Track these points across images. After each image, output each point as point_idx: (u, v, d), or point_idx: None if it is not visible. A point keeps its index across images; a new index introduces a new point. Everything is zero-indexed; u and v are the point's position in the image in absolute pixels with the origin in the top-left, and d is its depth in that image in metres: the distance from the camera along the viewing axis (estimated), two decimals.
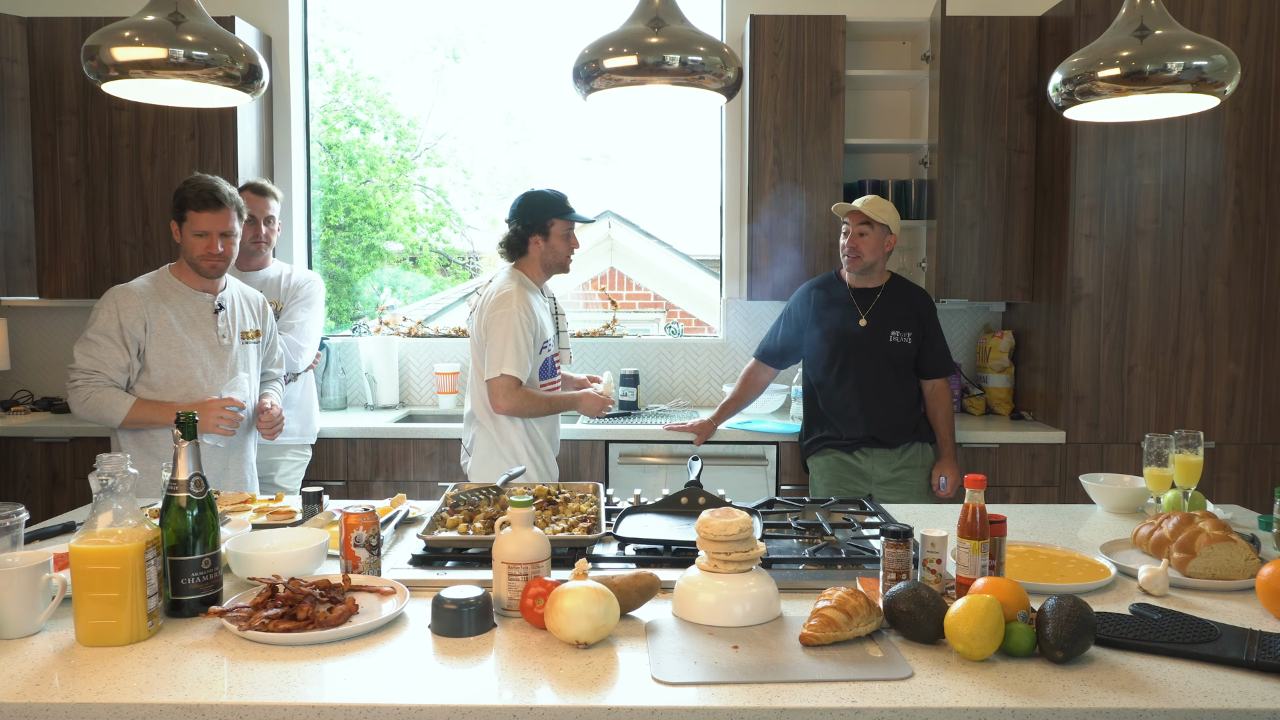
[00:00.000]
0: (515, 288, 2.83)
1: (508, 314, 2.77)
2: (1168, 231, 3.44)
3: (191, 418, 1.52)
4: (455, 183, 7.26)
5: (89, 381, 2.59)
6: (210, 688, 1.24)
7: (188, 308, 2.70)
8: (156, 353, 2.65)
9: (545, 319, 2.93)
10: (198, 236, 2.62)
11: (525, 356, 2.78)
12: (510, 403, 2.78)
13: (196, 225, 2.62)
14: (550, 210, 2.88)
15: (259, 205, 3.10)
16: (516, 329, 2.76)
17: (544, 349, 2.92)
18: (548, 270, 2.97)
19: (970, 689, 1.25)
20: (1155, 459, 2.10)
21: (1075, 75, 1.93)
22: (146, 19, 1.85)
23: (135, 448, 2.69)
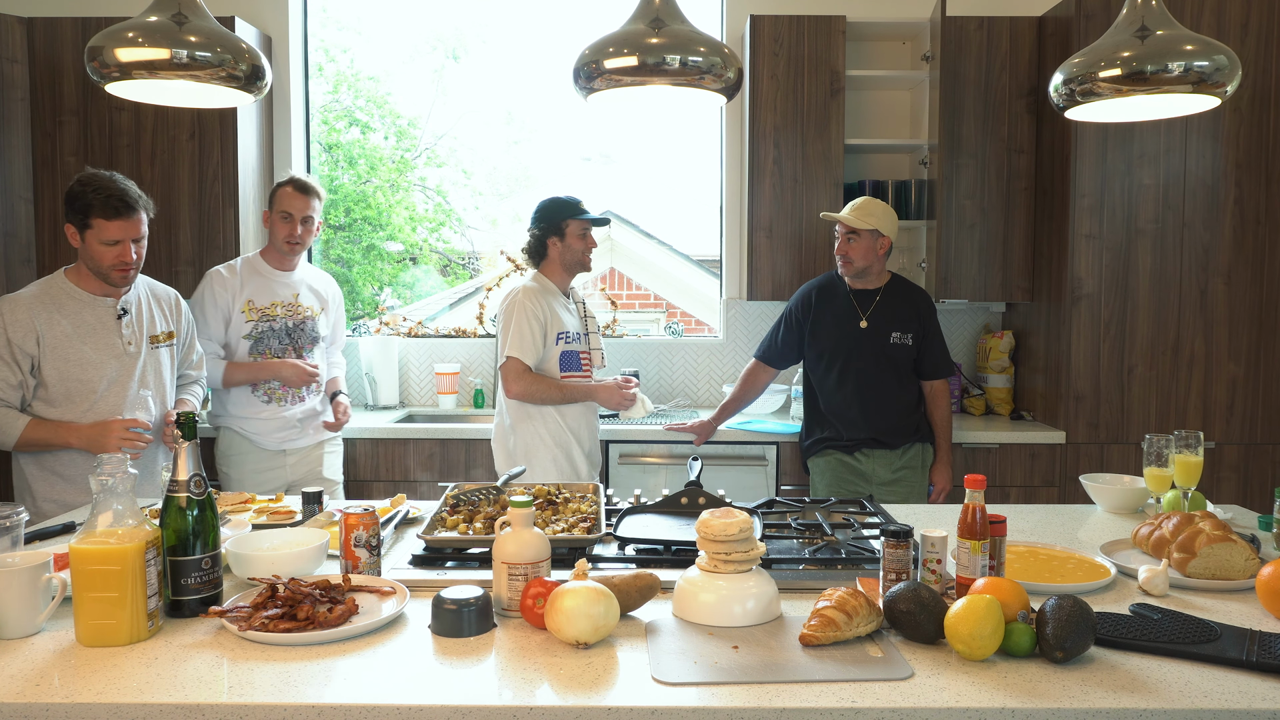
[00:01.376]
0: (526, 285, 3.01)
1: (512, 304, 2.96)
2: (1168, 231, 3.44)
3: (191, 418, 1.52)
4: (455, 183, 7.26)
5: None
6: (210, 688, 1.24)
7: (86, 315, 2.48)
8: (52, 367, 2.43)
9: (564, 315, 3.03)
10: (107, 245, 2.41)
11: (531, 342, 2.92)
12: (519, 386, 2.91)
13: (106, 234, 2.40)
14: (564, 212, 3.03)
15: (299, 203, 3.02)
16: (521, 317, 2.93)
17: (563, 340, 3.01)
18: (569, 270, 3.07)
19: (970, 689, 1.25)
20: (1155, 459, 2.10)
21: (1076, 75, 1.93)
22: (149, 20, 1.85)
23: (36, 468, 2.50)
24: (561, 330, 3.01)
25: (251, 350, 3.02)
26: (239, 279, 3.03)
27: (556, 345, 3.00)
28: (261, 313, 3.02)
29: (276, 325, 3.04)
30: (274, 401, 3.09)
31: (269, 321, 3.03)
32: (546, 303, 2.98)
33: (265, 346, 3.03)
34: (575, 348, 3.06)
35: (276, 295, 3.06)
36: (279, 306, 3.05)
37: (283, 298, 3.07)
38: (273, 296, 3.05)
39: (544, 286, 3.03)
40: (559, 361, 3.02)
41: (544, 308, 2.96)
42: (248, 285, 3.02)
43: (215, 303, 2.98)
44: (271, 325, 3.03)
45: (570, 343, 3.04)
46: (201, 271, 3.77)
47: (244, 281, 3.03)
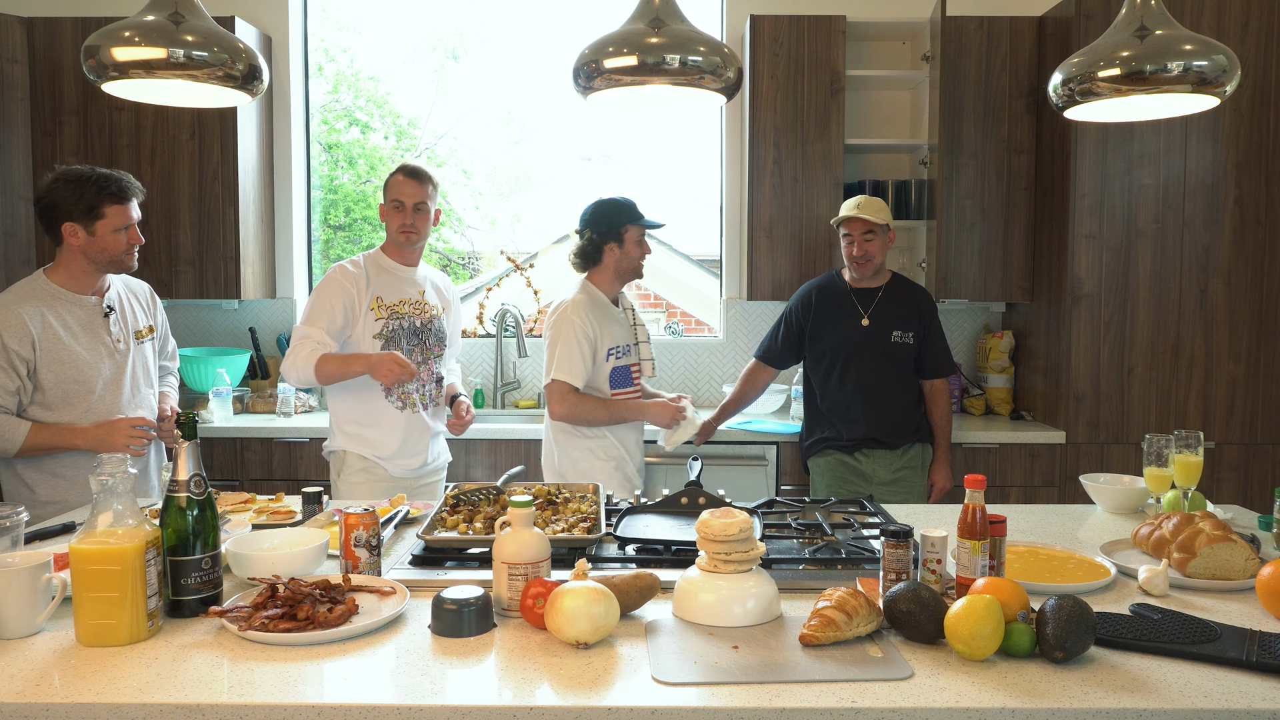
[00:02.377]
0: (575, 299, 2.83)
1: (561, 320, 2.79)
2: (1168, 231, 3.44)
3: (191, 418, 1.52)
4: (455, 183, 7.25)
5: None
6: (210, 688, 1.24)
7: (76, 314, 2.45)
8: (49, 370, 2.39)
9: (616, 328, 2.88)
10: (119, 232, 2.43)
11: (580, 363, 2.76)
12: (564, 408, 2.76)
13: (120, 219, 2.42)
14: (624, 216, 2.86)
15: (409, 189, 2.73)
16: (570, 336, 2.76)
17: (613, 355, 2.86)
18: (621, 278, 2.92)
19: (970, 689, 1.25)
20: (1155, 459, 2.10)
21: (1075, 75, 1.93)
22: (146, 19, 1.85)
23: (35, 471, 2.44)
24: (612, 346, 2.85)
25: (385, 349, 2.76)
26: (365, 274, 2.76)
27: (607, 362, 2.84)
28: (391, 310, 2.77)
29: (405, 324, 2.79)
30: (408, 408, 2.80)
31: (399, 320, 2.78)
32: (596, 318, 2.80)
33: (395, 346, 2.77)
34: (626, 361, 2.90)
35: (404, 292, 2.81)
36: (407, 304, 2.81)
37: (409, 295, 2.82)
38: (400, 293, 2.80)
39: (593, 299, 2.85)
40: (609, 378, 2.86)
41: (593, 324, 2.79)
42: (375, 280, 2.77)
43: (342, 295, 2.70)
44: (401, 324, 2.78)
45: (621, 357, 2.88)
46: (201, 271, 3.78)
47: (371, 276, 2.77)
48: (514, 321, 4.07)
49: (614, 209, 2.88)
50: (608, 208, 2.88)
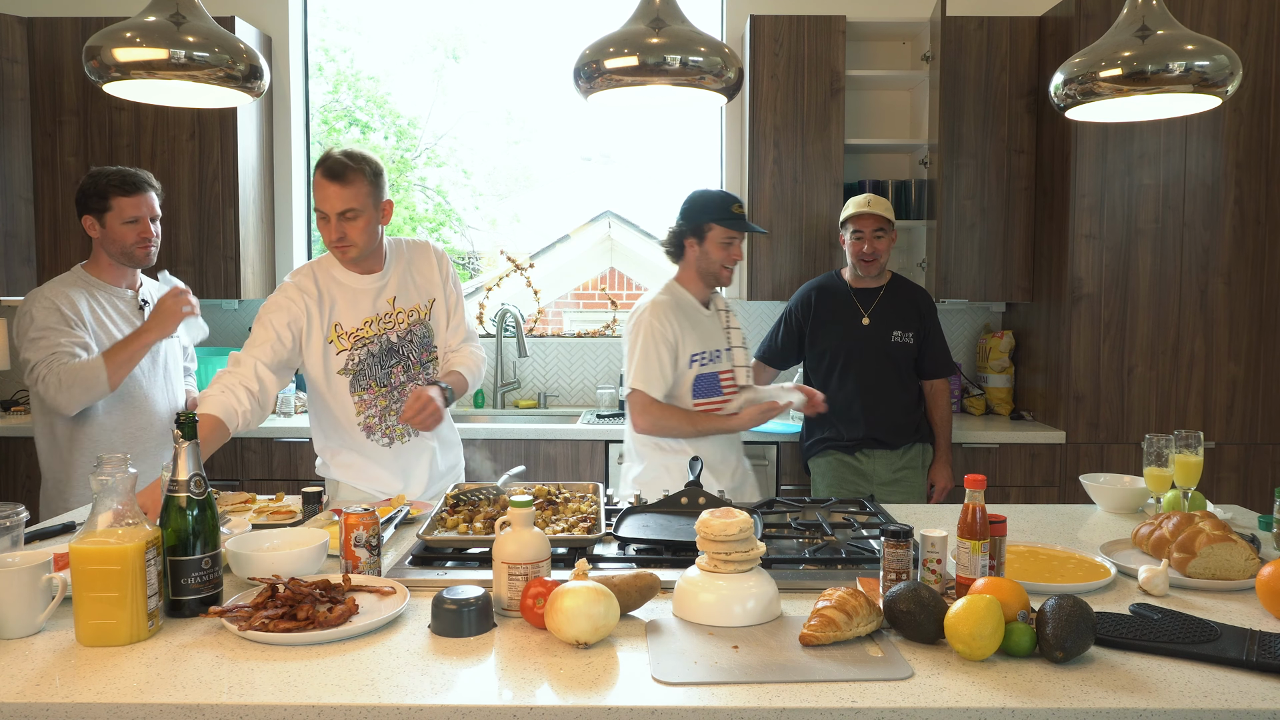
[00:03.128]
0: (655, 299, 2.64)
1: (638, 324, 2.59)
2: (1168, 231, 3.44)
3: (191, 418, 1.52)
4: (455, 183, 7.26)
5: (51, 365, 2.44)
6: (210, 688, 1.24)
7: (115, 304, 2.62)
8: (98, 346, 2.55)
9: (701, 332, 2.65)
10: (128, 224, 2.55)
11: (658, 371, 2.56)
12: (646, 420, 2.57)
13: (126, 212, 2.54)
14: (709, 213, 2.61)
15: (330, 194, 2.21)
16: (646, 341, 2.56)
17: (697, 362, 2.62)
18: (704, 279, 2.69)
19: (970, 689, 1.25)
20: (1155, 459, 2.10)
21: (1077, 75, 1.93)
22: (147, 20, 1.85)
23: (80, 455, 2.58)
24: (696, 352, 2.61)
25: (353, 389, 2.34)
26: (318, 293, 2.29)
27: (690, 369, 2.61)
28: (355, 338, 2.32)
29: (375, 348, 2.34)
30: (396, 441, 2.41)
31: (365, 346, 2.33)
32: (677, 321, 2.59)
33: (369, 380, 2.34)
34: (714, 368, 2.66)
35: (368, 309, 2.33)
36: (374, 323, 2.33)
37: (376, 309, 2.34)
38: (363, 312, 2.33)
39: (676, 299, 2.65)
40: (693, 387, 2.62)
41: (673, 327, 2.57)
42: (330, 301, 2.31)
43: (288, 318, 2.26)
44: (370, 350, 2.33)
45: (707, 363, 2.64)
46: (202, 271, 3.78)
47: (325, 295, 2.30)
48: (514, 321, 4.07)
49: (702, 202, 2.64)
50: (697, 200, 2.66)
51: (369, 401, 2.36)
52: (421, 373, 2.43)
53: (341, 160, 2.19)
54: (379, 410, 2.38)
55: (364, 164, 2.22)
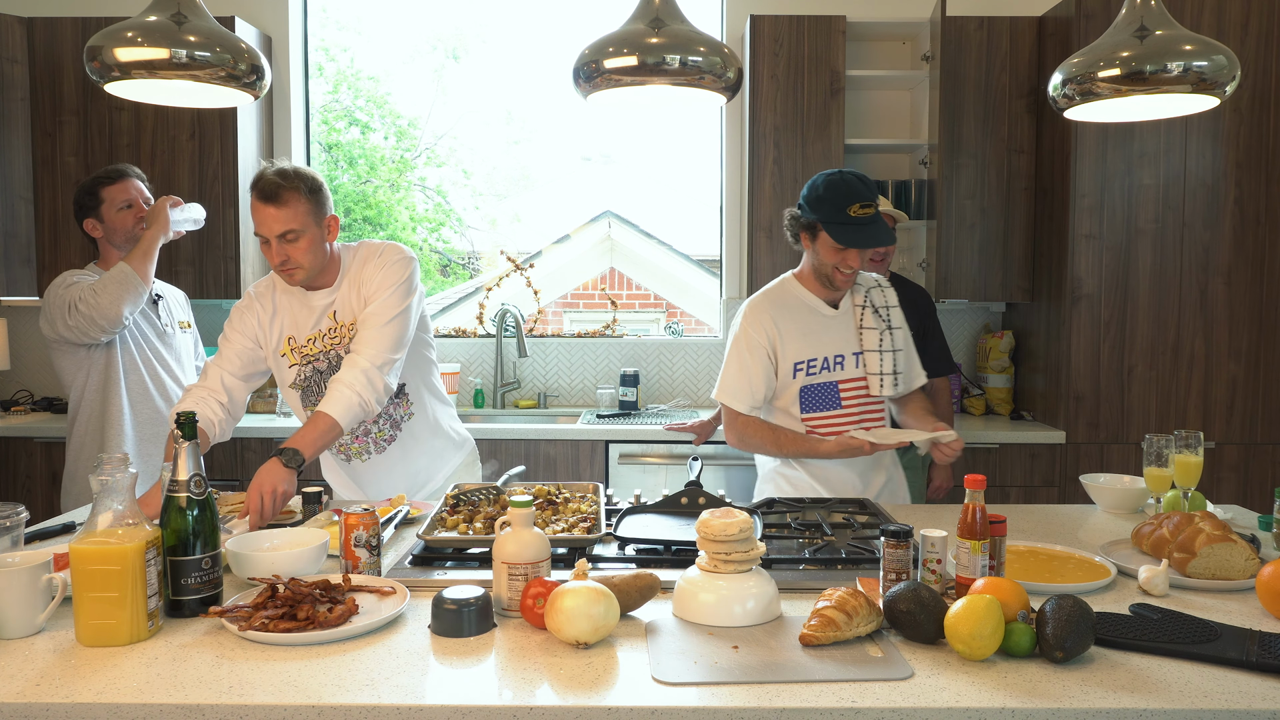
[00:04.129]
0: (755, 298, 2.41)
1: (734, 328, 2.39)
2: (1168, 231, 3.44)
3: (191, 418, 1.52)
4: (455, 183, 7.26)
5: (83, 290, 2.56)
6: (210, 688, 1.24)
7: None
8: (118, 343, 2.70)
9: (811, 338, 2.34)
10: (123, 210, 2.69)
11: (745, 383, 2.33)
12: (731, 435, 2.38)
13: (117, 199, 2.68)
14: (822, 210, 2.24)
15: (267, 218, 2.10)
16: (735, 348, 2.35)
17: (805, 371, 2.33)
18: (819, 279, 2.36)
19: (970, 689, 1.25)
20: (1155, 459, 2.10)
21: (1075, 75, 1.93)
22: (149, 19, 1.85)
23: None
24: (801, 360, 2.32)
25: (304, 403, 2.28)
26: (275, 306, 2.25)
27: (793, 380, 2.33)
28: (302, 354, 2.24)
29: (321, 365, 2.24)
30: (353, 459, 2.34)
31: (311, 363, 2.24)
32: (776, 324, 2.33)
33: (316, 396, 2.24)
34: (829, 378, 2.34)
35: (312, 324, 2.23)
36: (317, 339, 2.24)
37: (320, 325, 2.23)
38: (308, 327, 2.23)
39: (781, 299, 2.37)
40: (799, 399, 2.34)
41: (768, 332, 2.32)
42: (283, 312, 2.25)
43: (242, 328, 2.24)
44: (316, 366, 2.24)
45: (818, 373, 2.33)
46: (201, 271, 3.78)
47: (280, 307, 2.25)
48: (514, 321, 4.07)
49: (819, 192, 2.25)
50: (817, 186, 2.26)
51: None
52: None
53: (274, 180, 2.06)
54: None
55: (299, 181, 2.08)
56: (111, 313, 2.56)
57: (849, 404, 2.36)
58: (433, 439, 2.42)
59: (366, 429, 2.32)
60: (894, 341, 2.37)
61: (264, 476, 1.93)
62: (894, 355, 2.36)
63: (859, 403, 2.37)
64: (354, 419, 2.07)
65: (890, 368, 2.35)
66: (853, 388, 2.37)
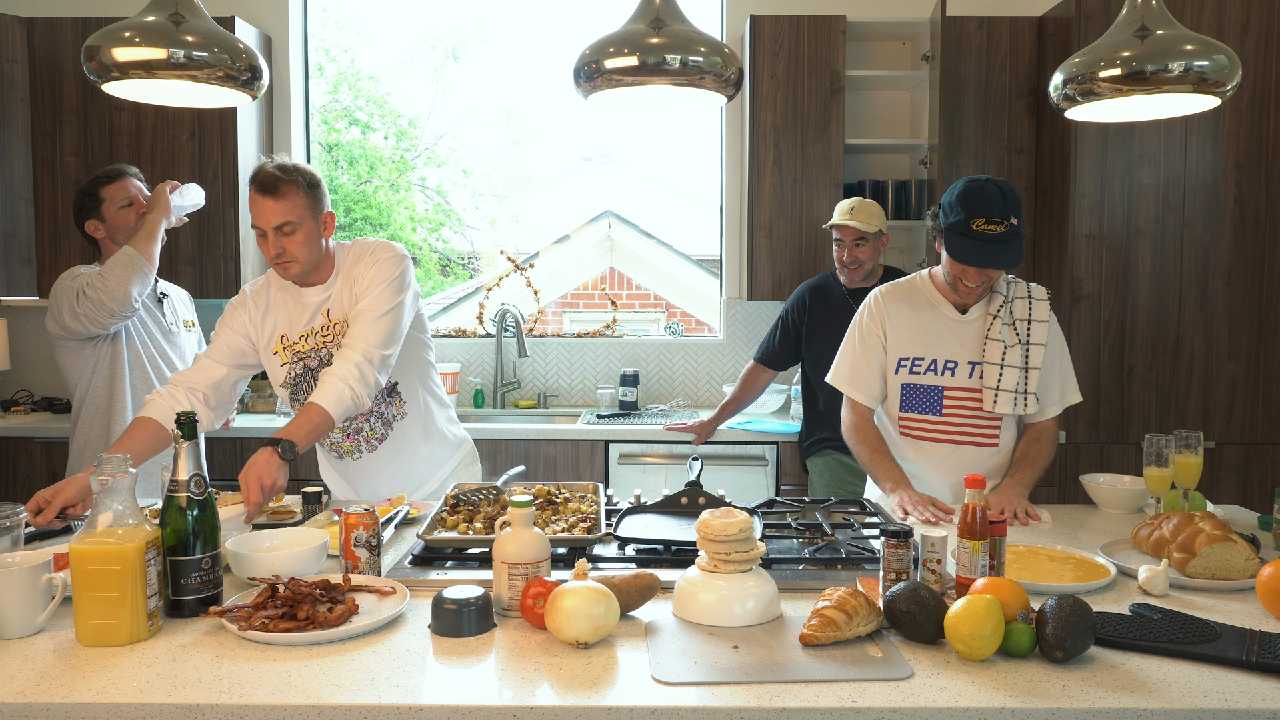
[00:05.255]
0: (885, 286, 2.36)
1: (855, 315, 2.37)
2: (1168, 231, 3.44)
3: (191, 418, 1.52)
4: (455, 183, 7.25)
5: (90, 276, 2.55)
6: (210, 688, 1.24)
7: None
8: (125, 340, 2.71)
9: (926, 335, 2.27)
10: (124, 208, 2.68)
11: (850, 365, 2.32)
12: (843, 424, 2.36)
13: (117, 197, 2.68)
14: (950, 217, 2.15)
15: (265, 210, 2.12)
16: (850, 332, 2.35)
17: (909, 368, 2.27)
18: (947, 281, 2.28)
19: (970, 689, 1.25)
20: (1155, 459, 2.10)
21: (1076, 75, 1.93)
22: (147, 19, 1.85)
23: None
24: (909, 355, 2.27)
25: (293, 402, 2.27)
26: (268, 302, 2.25)
27: (896, 374, 2.28)
28: (294, 351, 2.24)
29: (313, 363, 2.23)
30: (345, 458, 2.35)
31: (302, 361, 2.24)
32: (895, 314, 2.29)
33: (303, 393, 2.24)
34: (934, 381, 2.25)
35: (305, 321, 2.23)
36: (309, 337, 2.23)
37: (312, 322, 2.23)
38: (300, 324, 2.24)
39: (909, 290, 2.32)
40: (900, 397, 2.29)
41: (883, 320, 2.29)
42: (275, 309, 2.25)
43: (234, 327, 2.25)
44: (307, 364, 2.24)
45: (923, 373, 2.26)
46: (201, 271, 3.78)
47: (272, 305, 2.25)
48: (514, 321, 4.07)
49: (952, 199, 2.16)
50: (955, 190, 2.17)
51: None
52: None
53: (273, 173, 2.09)
54: None
55: (297, 175, 2.11)
56: (120, 293, 2.52)
57: (951, 412, 2.26)
58: (426, 440, 2.40)
59: (358, 427, 2.30)
60: (1026, 358, 2.22)
61: (258, 467, 1.91)
62: (1022, 372, 2.21)
63: (964, 414, 2.25)
64: (345, 411, 2.06)
65: (1012, 384, 2.20)
66: (960, 397, 2.25)
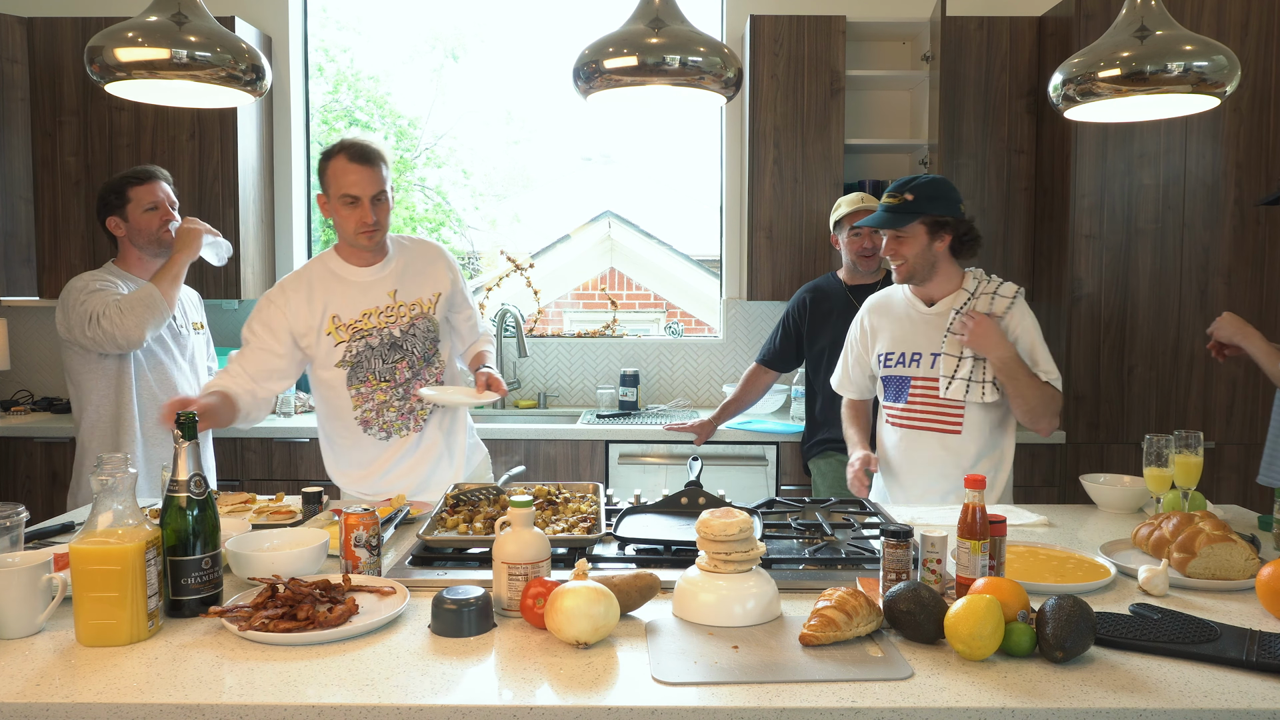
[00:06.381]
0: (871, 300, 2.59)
1: None
2: (1168, 231, 3.44)
3: (191, 417, 1.52)
4: (455, 183, 7.25)
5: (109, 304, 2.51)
6: (210, 688, 1.24)
7: None
8: None
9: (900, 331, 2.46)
10: (149, 211, 2.67)
11: (843, 369, 2.61)
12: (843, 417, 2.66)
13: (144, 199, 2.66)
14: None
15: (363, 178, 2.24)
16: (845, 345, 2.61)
17: (887, 362, 2.48)
18: None
19: (970, 689, 1.25)
20: (1155, 459, 2.10)
21: (1075, 76, 1.93)
22: (149, 20, 1.85)
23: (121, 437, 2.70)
24: (885, 352, 2.48)
25: (350, 381, 2.34)
26: (310, 290, 2.32)
27: (880, 369, 2.50)
28: (353, 329, 2.32)
29: (376, 340, 2.33)
30: (394, 434, 2.41)
31: (364, 339, 2.33)
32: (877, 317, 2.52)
33: (367, 372, 2.34)
34: (904, 372, 2.44)
35: (367, 301, 2.34)
36: (374, 315, 2.34)
37: (376, 303, 2.34)
38: (362, 304, 2.33)
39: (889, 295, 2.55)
40: (883, 388, 2.52)
41: (866, 324, 2.54)
42: (325, 294, 2.32)
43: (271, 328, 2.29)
44: (369, 342, 2.33)
45: (895, 366, 2.46)
46: (202, 271, 3.77)
47: (319, 290, 2.32)
48: (514, 321, 4.07)
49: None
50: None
51: (366, 395, 2.36)
52: (426, 369, 2.41)
53: (367, 144, 2.25)
54: (376, 405, 2.37)
55: (382, 150, 2.30)
56: (135, 335, 2.53)
57: (915, 400, 2.43)
58: (461, 430, 2.55)
59: (411, 406, 2.40)
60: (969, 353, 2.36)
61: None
62: (977, 362, 2.34)
63: (926, 402, 2.42)
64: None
65: (966, 373, 2.34)
66: (922, 386, 2.42)
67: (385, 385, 2.36)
